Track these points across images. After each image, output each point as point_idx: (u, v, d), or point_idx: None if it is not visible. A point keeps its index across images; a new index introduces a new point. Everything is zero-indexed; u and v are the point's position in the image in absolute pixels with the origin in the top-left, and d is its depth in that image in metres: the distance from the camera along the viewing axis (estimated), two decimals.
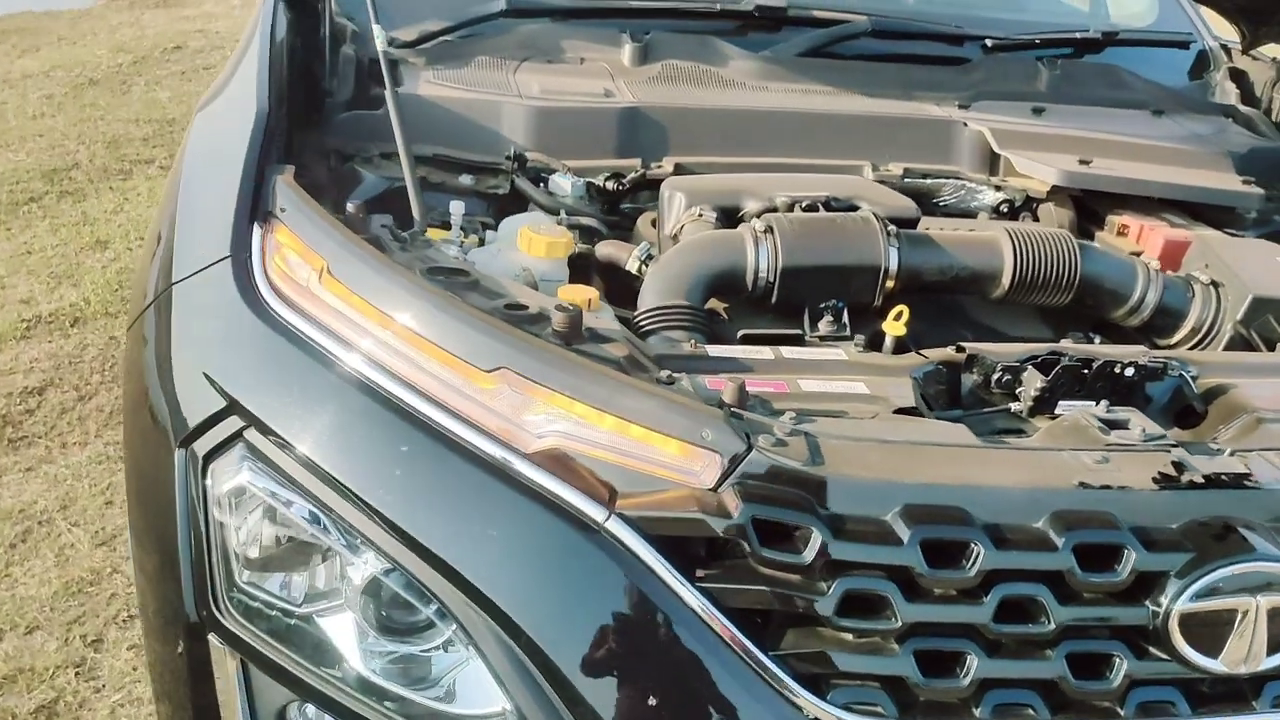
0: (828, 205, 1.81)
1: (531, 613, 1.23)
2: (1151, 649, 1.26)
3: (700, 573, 1.23)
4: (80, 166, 5.45)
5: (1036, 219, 2.18)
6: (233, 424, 1.38)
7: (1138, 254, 2.05)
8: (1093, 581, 1.24)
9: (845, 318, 1.72)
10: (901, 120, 2.21)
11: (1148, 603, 1.25)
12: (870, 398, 1.45)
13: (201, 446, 1.39)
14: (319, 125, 2.02)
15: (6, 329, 3.90)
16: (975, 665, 1.23)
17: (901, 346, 1.67)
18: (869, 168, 2.13)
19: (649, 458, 1.26)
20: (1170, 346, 1.86)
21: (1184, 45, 2.77)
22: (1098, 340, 1.86)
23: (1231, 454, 1.36)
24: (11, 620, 2.65)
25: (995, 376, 1.56)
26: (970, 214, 2.18)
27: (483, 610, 1.24)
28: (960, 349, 1.58)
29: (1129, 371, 1.56)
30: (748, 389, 1.37)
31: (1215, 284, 1.86)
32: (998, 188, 2.18)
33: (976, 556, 1.21)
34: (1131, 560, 1.24)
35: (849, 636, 1.24)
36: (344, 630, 1.34)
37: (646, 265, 1.76)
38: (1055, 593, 1.24)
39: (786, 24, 2.42)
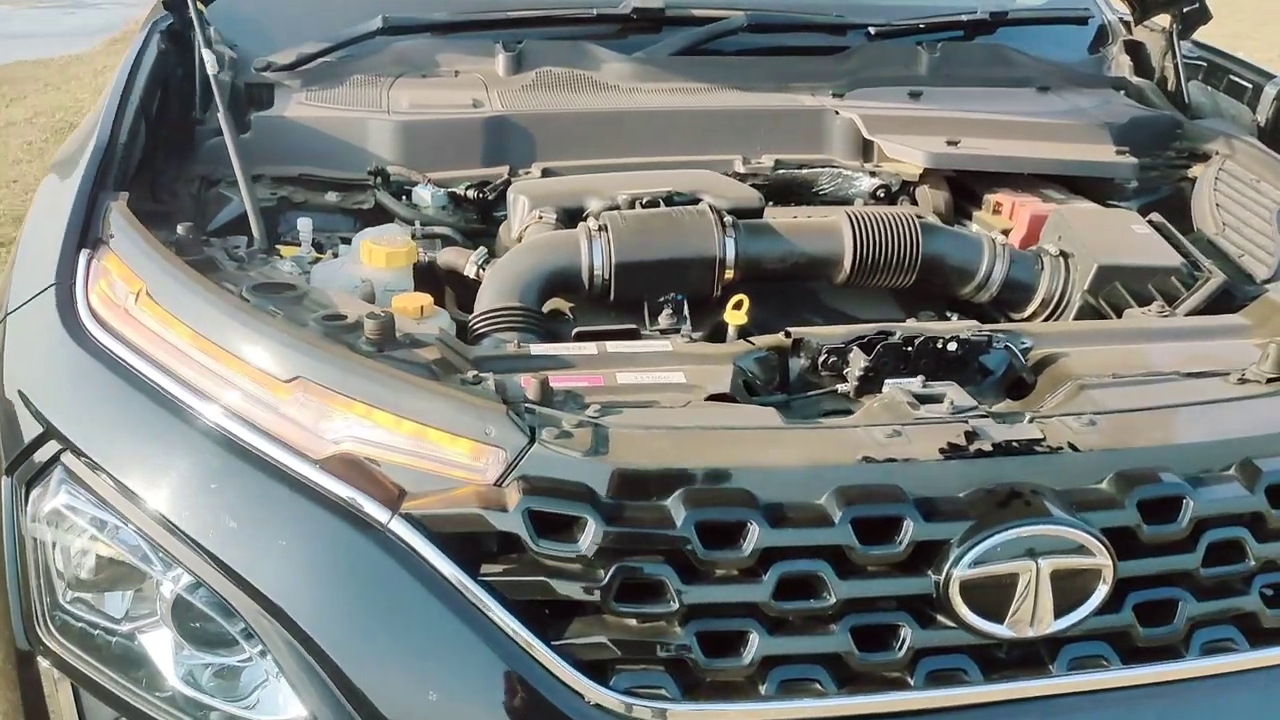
0: (670, 200, 1.82)
1: (319, 618, 1.25)
2: (939, 618, 1.27)
3: (487, 568, 1.25)
4: None
5: (915, 202, 2.18)
6: (51, 448, 1.41)
7: (1008, 231, 2.06)
8: (872, 554, 1.25)
9: (685, 310, 1.74)
10: (772, 112, 2.22)
11: (930, 572, 1.26)
12: (686, 387, 1.46)
13: (24, 473, 1.43)
14: (190, 152, 2.06)
15: None
16: (757, 643, 1.24)
17: (746, 335, 1.68)
18: (739, 161, 2.14)
19: (441, 458, 1.29)
20: (1025, 320, 1.87)
21: (1081, 21, 2.77)
22: (955, 318, 1.87)
23: (1030, 421, 1.37)
24: None
25: (821, 359, 1.57)
26: (848, 201, 2.19)
27: (275, 619, 1.26)
28: (787, 334, 1.60)
29: (952, 346, 1.57)
30: (559, 384, 1.40)
31: (1065, 255, 1.87)
32: (872, 173, 2.19)
33: (752, 535, 1.23)
34: (910, 531, 1.25)
35: (633, 623, 1.25)
36: (161, 646, 1.36)
37: (484, 269, 1.78)
38: (836, 567, 1.25)
39: (666, 24, 2.44)
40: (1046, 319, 1.86)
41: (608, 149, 2.11)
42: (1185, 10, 2.50)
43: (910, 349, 1.56)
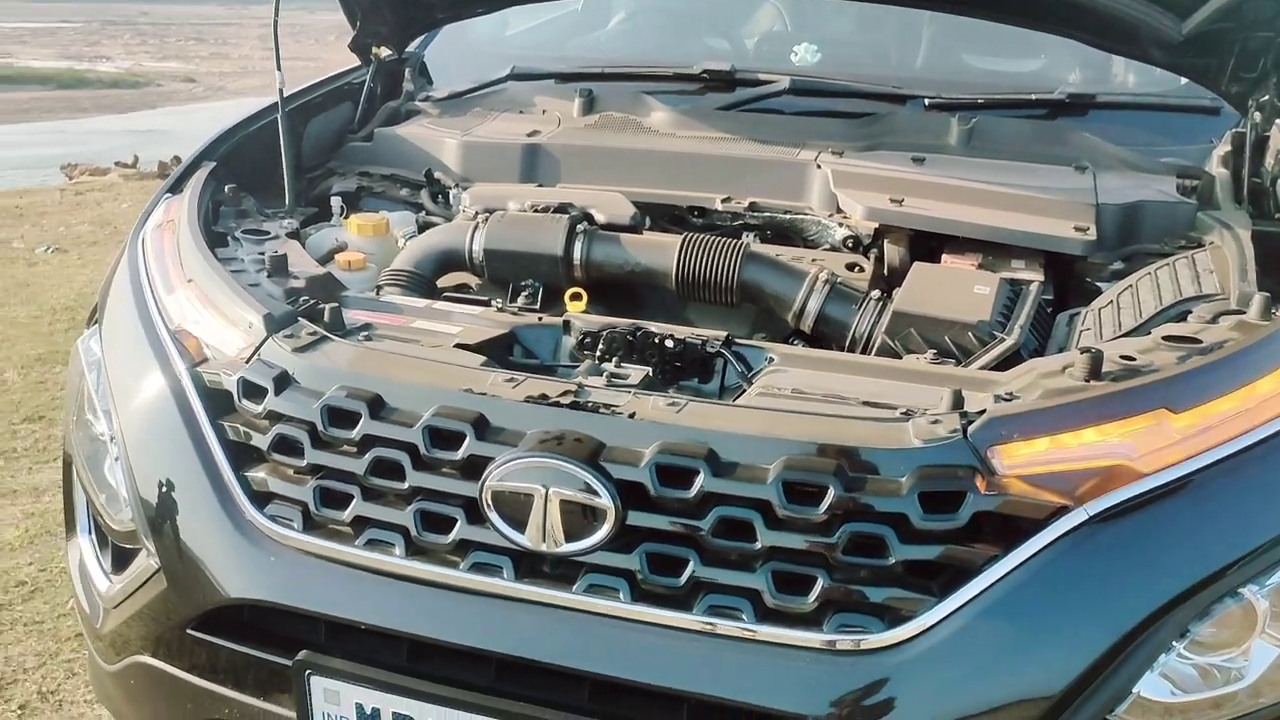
0: (561, 209, 2.24)
1: (136, 429, 1.89)
2: (485, 520, 1.61)
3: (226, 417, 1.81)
4: None
5: (881, 256, 2.37)
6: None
7: None
8: (437, 456, 1.63)
9: (540, 295, 2.15)
10: (762, 161, 2.51)
11: (479, 480, 1.60)
12: (450, 336, 1.91)
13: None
14: (336, 151, 2.83)
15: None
16: (355, 504, 1.68)
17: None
18: (719, 199, 2.47)
19: (228, 340, 1.88)
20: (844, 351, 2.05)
21: (1211, 111, 2.69)
22: (798, 344, 2.09)
23: (633, 395, 1.65)
24: None
25: (579, 339, 1.93)
26: (822, 245, 2.43)
27: (122, 426, 1.92)
28: (563, 316, 1.98)
29: (669, 343, 1.86)
30: (371, 319, 1.94)
31: (883, 300, 2.01)
32: (841, 224, 2.40)
33: (360, 424, 1.66)
34: (468, 444, 1.61)
35: (291, 472, 1.74)
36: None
37: (407, 242, 2.32)
38: (413, 460, 1.64)
39: (738, 84, 2.82)
40: (861, 353, 2.02)
41: (616, 178, 2.53)
42: (1260, 101, 2.40)
43: (633, 340, 1.88)
